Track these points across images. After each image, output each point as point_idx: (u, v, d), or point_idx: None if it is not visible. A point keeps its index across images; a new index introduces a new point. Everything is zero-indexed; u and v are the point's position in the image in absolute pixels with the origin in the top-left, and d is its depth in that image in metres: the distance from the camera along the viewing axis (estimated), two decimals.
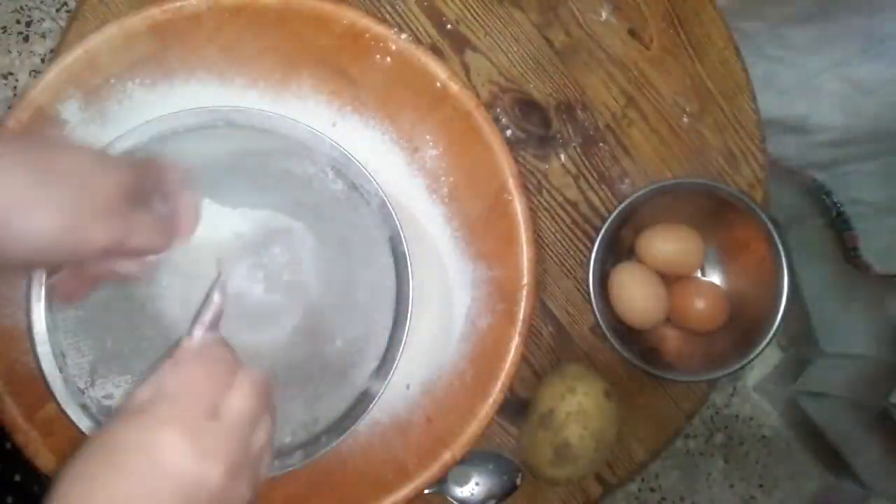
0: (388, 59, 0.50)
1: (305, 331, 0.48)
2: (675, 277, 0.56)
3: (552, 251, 0.57)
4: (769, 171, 0.58)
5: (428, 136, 0.51)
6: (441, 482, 0.53)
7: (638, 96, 0.57)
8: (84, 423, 0.42)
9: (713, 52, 0.57)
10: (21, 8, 1.11)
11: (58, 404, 0.42)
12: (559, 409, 0.50)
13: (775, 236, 0.51)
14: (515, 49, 0.57)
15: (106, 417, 0.43)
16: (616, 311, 0.54)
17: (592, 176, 0.57)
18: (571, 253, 0.57)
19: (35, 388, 0.46)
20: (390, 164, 0.52)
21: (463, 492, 0.54)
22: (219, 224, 0.47)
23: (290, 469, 0.44)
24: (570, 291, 0.57)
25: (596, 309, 0.52)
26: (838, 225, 0.82)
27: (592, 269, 0.52)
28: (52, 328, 0.42)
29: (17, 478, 0.58)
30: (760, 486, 1.17)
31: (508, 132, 0.56)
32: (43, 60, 1.11)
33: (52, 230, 0.32)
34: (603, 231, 0.52)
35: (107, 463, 0.30)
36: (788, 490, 1.16)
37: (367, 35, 0.49)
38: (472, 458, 0.53)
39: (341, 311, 0.48)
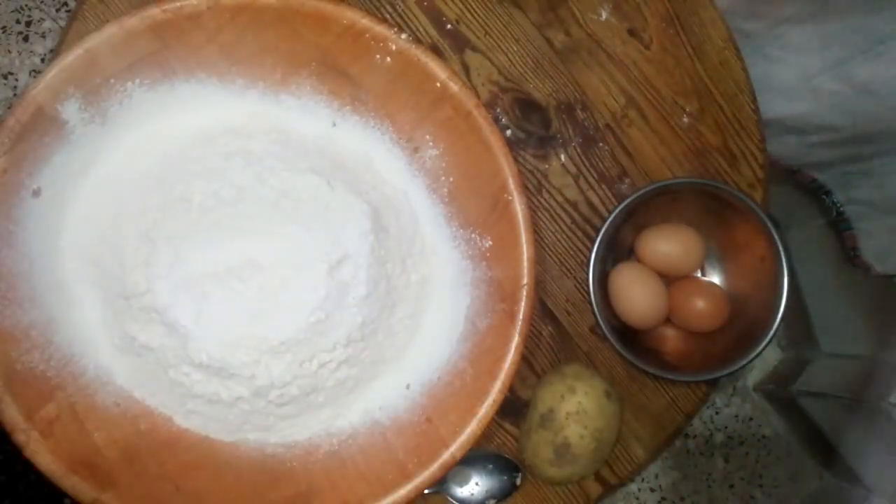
0: (388, 58, 0.50)
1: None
2: (675, 277, 0.56)
3: (552, 251, 0.57)
4: (769, 171, 0.58)
5: (428, 136, 0.51)
6: (441, 482, 0.53)
7: (638, 96, 0.57)
8: None
9: (713, 52, 0.57)
10: (21, 8, 1.11)
11: None
12: (559, 409, 0.50)
13: (775, 236, 0.51)
14: (515, 49, 0.57)
15: None
16: (616, 311, 0.54)
17: (592, 176, 0.57)
18: (571, 253, 0.57)
19: (35, 388, 0.47)
20: (390, 164, 0.52)
21: (463, 492, 0.53)
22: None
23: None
24: (570, 291, 0.57)
25: (596, 309, 0.52)
26: (838, 225, 0.82)
27: (592, 269, 0.52)
28: None
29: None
30: (760, 486, 1.17)
31: (508, 132, 0.56)
32: (43, 60, 1.11)
33: None
34: (603, 231, 0.52)
35: None
36: (788, 490, 1.16)
37: (367, 35, 0.49)
38: (472, 458, 0.53)
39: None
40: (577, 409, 0.49)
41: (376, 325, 0.50)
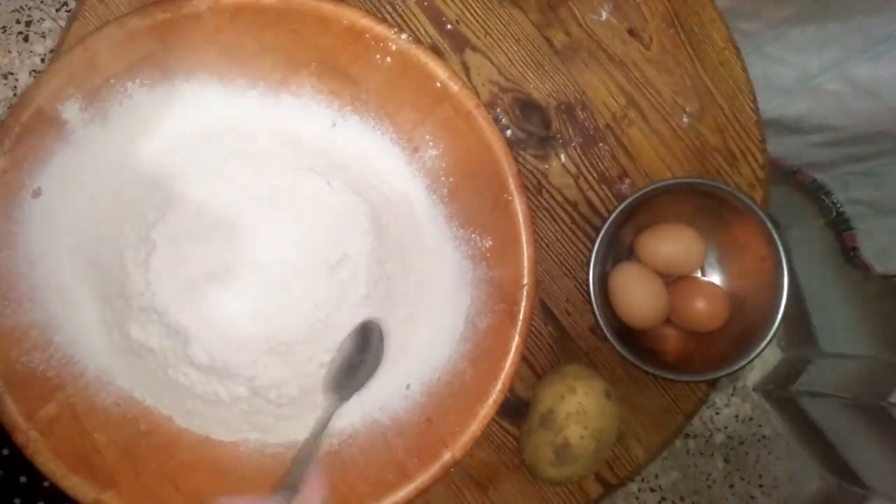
0: (389, 58, 0.50)
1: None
2: (675, 277, 0.56)
3: (552, 251, 0.57)
4: (769, 171, 0.58)
5: (428, 136, 0.51)
6: None
7: (638, 96, 0.57)
8: None
9: (713, 52, 0.57)
10: (21, 8, 1.11)
11: None
12: (559, 409, 0.50)
13: (775, 236, 0.51)
14: (515, 49, 0.57)
15: None
16: (616, 311, 0.54)
17: (592, 176, 0.57)
18: (571, 253, 0.57)
19: (35, 388, 0.46)
20: (390, 164, 0.52)
21: None
22: None
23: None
24: (570, 291, 0.57)
25: (596, 309, 0.52)
26: (838, 225, 0.82)
27: (592, 269, 0.52)
28: None
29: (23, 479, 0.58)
30: (760, 486, 1.17)
31: (508, 132, 0.56)
32: (43, 60, 1.11)
33: None
34: (603, 231, 0.52)
35: None
36: (788, 490, 1.16)
37: (368, 35, 0.49)
38: None
39: None
40: (577, 409, 0.49)
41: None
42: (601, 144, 0.57)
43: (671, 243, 0.54)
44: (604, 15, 0.57)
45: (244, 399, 0.48)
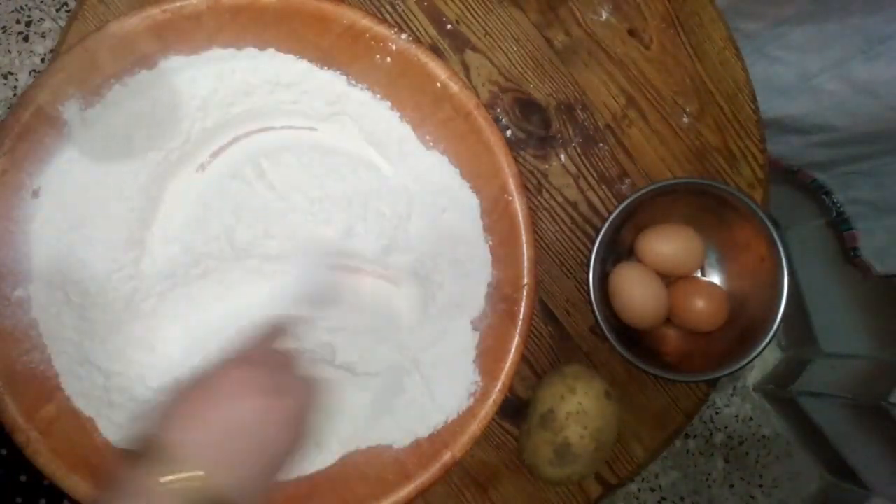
0: (389, 59, 0.50)
1: None
2: (675, 277, 0.56)
3: (552, 251, 0.57)
4: (769, 171, 0.58)
5: (428, 137, 0.51)
6: None
7: (638, 96, 0.57)
8: None
9: (713, 52, 0.57)
10: (21, 8, 1.11)
11: None
12: (559, 409, 0.50)
13: (775, 236, 0.51)
14: (515, 49, 0.57)
15: None
16: (616, 311, 0.53)
17: (592, 176, 0.57)
18: (571, 253, 0.57)
19: (35, 388, 0.46)
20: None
21: None
22: None
23: None
24: (570, 291, 0.57)
25: (596, 309, 0.51)
26: (838, 225, 0.82)
27: (592, 269, 0.52)
28: None
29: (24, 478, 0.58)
30: (760, 486, 1.17)
31: (508, 132, 0.56)
32: (43, 60, 1.11)
33: None
34: (603, 231, 0.52)
35: None
36: (788, 490, 1.16)
37: (368, 35, 0.49)
38: None
39: None
40: (577, 409, 0.49)
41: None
42: (601, 144, 0.57)
43: (671, 243, 0.54)
44: (604, 15, 0.57)
45: None
